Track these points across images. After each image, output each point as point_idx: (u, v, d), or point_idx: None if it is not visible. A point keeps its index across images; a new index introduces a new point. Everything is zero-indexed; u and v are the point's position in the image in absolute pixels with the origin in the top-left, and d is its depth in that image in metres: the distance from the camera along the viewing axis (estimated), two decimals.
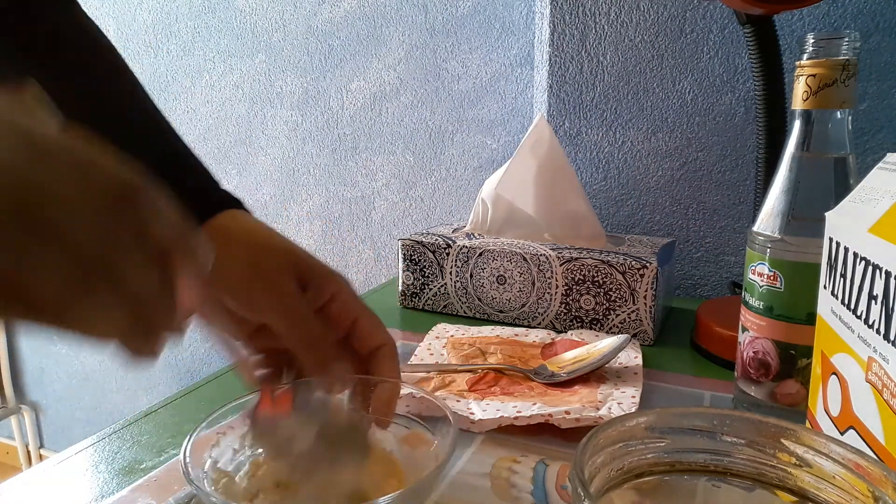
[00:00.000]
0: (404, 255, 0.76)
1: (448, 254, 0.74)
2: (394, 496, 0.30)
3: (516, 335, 0.65)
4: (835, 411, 0.32)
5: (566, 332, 0.66)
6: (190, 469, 0.32)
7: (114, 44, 0.45)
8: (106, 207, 0.23)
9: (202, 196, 0.41)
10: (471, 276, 0.73)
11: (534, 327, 0.70)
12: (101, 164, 0.24)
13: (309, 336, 0.37)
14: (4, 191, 0.21)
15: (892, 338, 0.27)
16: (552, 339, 0.64)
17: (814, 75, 0.42)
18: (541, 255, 0.69)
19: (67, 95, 0.40)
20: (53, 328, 0.24)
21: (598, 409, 0.48)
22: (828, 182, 0.43)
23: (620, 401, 0.49)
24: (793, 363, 0.45)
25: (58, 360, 1.68)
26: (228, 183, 0.42)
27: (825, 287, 0.35)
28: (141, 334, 0.26)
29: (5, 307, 0.22)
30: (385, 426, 0.39)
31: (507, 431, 0.46)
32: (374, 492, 0.34)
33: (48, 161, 0.22)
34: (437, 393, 0.52)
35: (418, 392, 0.40)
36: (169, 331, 0.27)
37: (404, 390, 0.40)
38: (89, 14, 0.45)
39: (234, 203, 0.42)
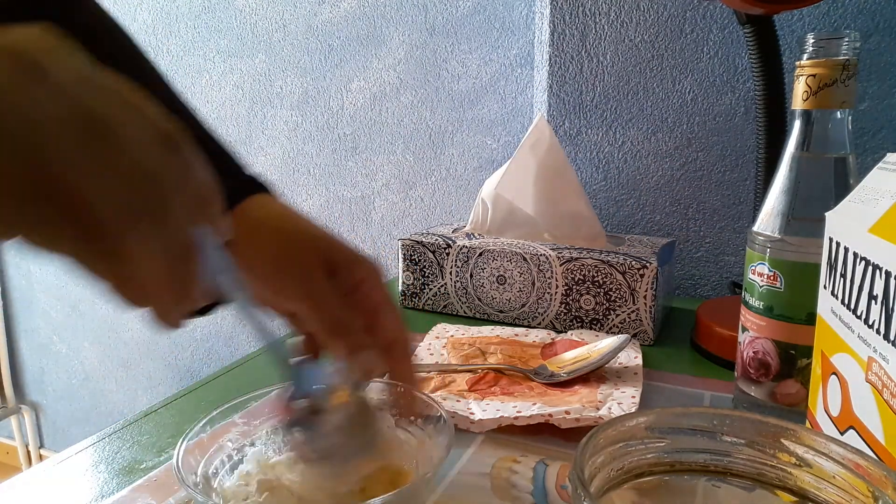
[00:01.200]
0: (404, 255, 0.76)
1: (448, 254, 0.74)
2: (386, 497, 0.30)
3: (516, 335, 0.65)
4: (835, 411, 0.32)
5: (566, 332, 0.66)
6: (183, 473, 0.32)
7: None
8: (158, 142, 0.24)
9: (231, 180, 0.41)
10: (471, 276, 0.73)
11: (534, 327, 0.70)
12: (152, 106, 0.24)
13: (335, 323, 0.37)
14: (70, 109, 0.21)
15: (892, 338, 0.27)
16: (552, 339, 0.64)
17: (814, 75, 0.42)
18: (541, 255, 0.69)
19: None
20: (95, 266, 0.24)
21: (598, 409, 0.48)
22: (828, 182, 0.43)
23: (620, 401, 0.49)
24: (793, 363, 0.45)
25: (58, 360, 1.68)
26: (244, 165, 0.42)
27: (825, 287, 0.35)
28: (175, 290, 0.25)
29: (58, 226, 0.22)
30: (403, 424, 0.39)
31: (507, 431, 0.46)
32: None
33: (105, 92, 0.23)
34: (438, 393, 0.52)
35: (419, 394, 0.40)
36: (194, 294, 0.27)
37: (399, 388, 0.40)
38: None
39: (262, 187, 0.42)
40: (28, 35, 0.22)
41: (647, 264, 0.64)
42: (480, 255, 0.72)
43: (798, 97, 0.43)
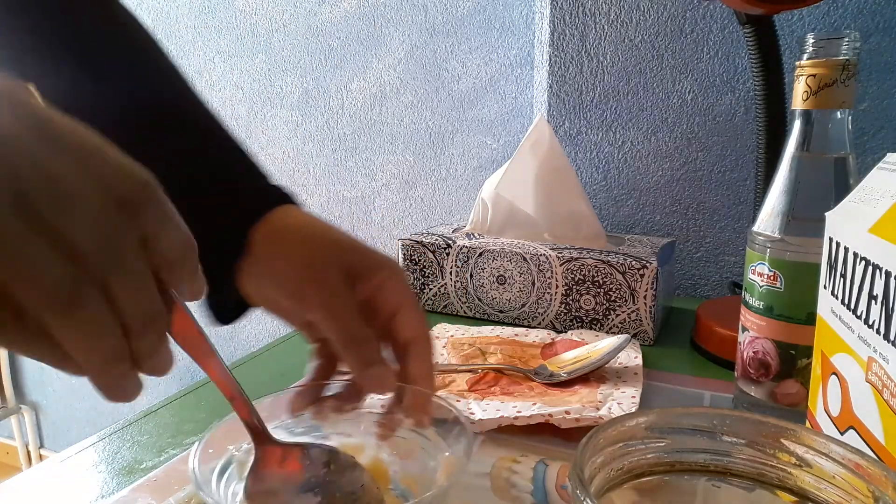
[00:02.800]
0: (404, 255, 0.76)
1: (448, 254, 0.74)
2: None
3: (516, 335, 0.65)
4: (835, 411, 0.32)
5: (566, 332, 0.66)
6: (199, 475, 0.31)
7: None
8: (112, 206, 0.21)
9: (257, 191, 0.42)
10: (471, 276, 0.73)
11: (534, 327, 0.70)
12: (112, 158, 0.22)
13: (351, 335, 0.37)
14: (5, 169, 0.19)
15: (892, 338, 0.27)
16: (552, 339, 0.64)
17: (814, 75, 0.42)
18: (541, 255, 0.69)
19: (116, 90, 0.40)
20: (30, 345, 0.21)
21: (598, 409, 0.48)
22: (828, 182, 0.43)
23: (620, 401, 0.49)
24: (793, 363, 0.45)
25: None
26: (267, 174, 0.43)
27: (825, 287, 0.35)
28: (123, 366, 0.23)
29: None
30: (424, 426, 0.38)
31: (507, 431, 0.46)
32: None
33: (57, 145, 0.20)
34: (437, 393, 0.52)
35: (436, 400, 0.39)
36: (153, 366, 0.25)
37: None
38: None
39: (287, 198, 0.42)
40: None
41: (647, 264, 0.64)
42: (480, 255, 0.72)
43: (798, 97, 0.43)
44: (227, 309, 0.42)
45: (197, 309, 0.35)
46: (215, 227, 0.38)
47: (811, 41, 0.42)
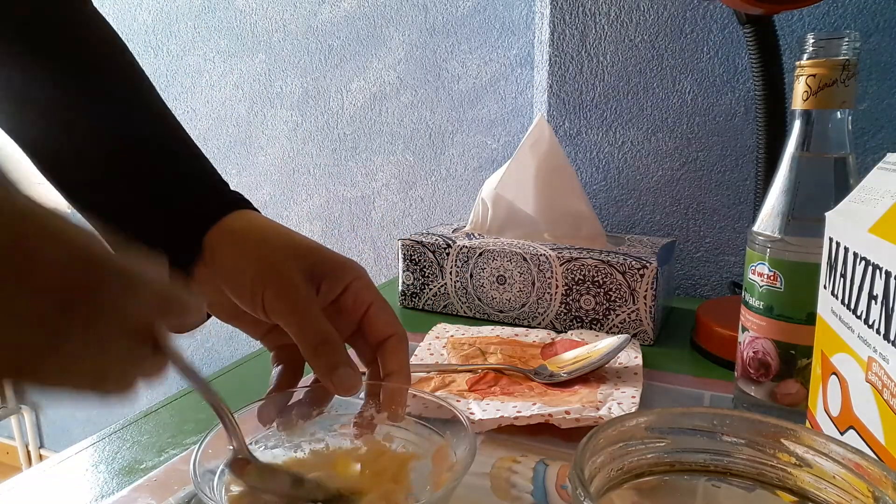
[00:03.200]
0: (404, 255, 0.76)
1: (448, 254, 0.74)
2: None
3: (516, 335, 0.65)
4: (835, 411, 0.32)
5: (566, 332, 0.66)
6: (199, 475, 0.31)
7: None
8: (52, 307, 0.21)
9: (212, 196, 0.41)
10: (471, 276, 0.73)
11: (534, 327, 0.70)
12: (46, 257, 0.21)
13: (317, 338, 0.36)
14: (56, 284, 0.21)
15: (892, 338, 0.27)
16: (552, 339, 0.64)
17: (814, 75, 0.42)
18: (541, 255, 0.69)
19: (75, 94, 0.40)
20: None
21: (598, 409, 0.48)
22: (828, 182, 0.43)
23: (620, 401, 0.49)
24: (793, 363, 0.45)
25: None
26: (228, 183, 0.42)
27: (825, 287, 0.35)
28: (118, 381, 0.25)
29: None
30: (398, 420, 0.39)
31: (507, 431, 0.46)
32: None
33: (23, 221, 0.20)
34: (437, 393, 0.52)
35: (431, 397, 0.39)
36: (150, 375, 0.27)
37: (418, 394, 0.39)
38: None
39: (244, 203, 0.42)
40: None
41: (647, 264, 0.64)
42: (480, 255, 0.72)
43: (798, 97, 0.43)
44: None
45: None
46: (168, 233, 0.38)
47: (811, 41, 0.42)
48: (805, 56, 0.43)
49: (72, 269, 0.22)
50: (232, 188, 0.43)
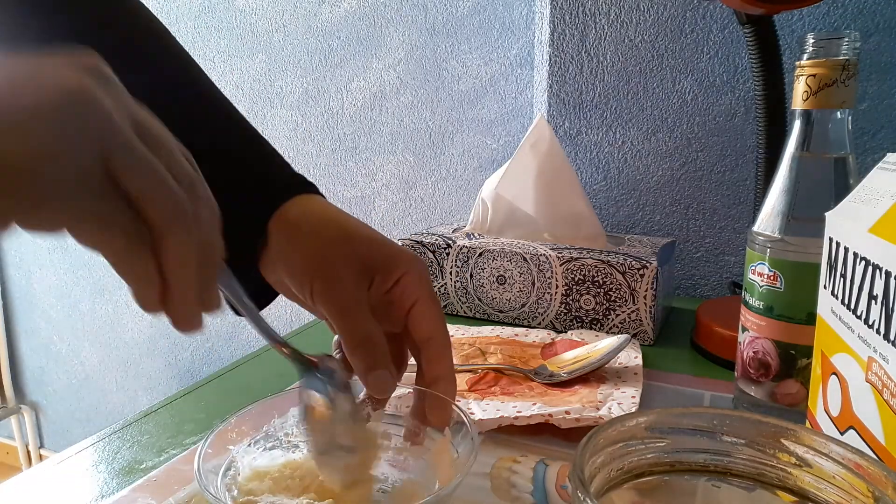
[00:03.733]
0: None
1: (448, 254, 0.74)
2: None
3: (516, 335, 0.65)
4: (835, 411, 0.32)
5: (566, 332, 0.66)
6: (203, 476, 0.31)
7: None
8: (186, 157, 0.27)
9: (279, 179, 0.41)
10: (471, 276, 0.73)
11: (534, 327, 0.70)
12: (177, 151, 0.26)
13: (358, 337, 0.36)
14: (132, 120, 0.25)
15: (892, 338, 0.27)
16: (552, 339, 0.64)
17: (814, 75, 0.42)
18: (541, 255, 0.69)
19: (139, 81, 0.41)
20: (133, 263, 0.25)
21: (598, 409, 0.48)
22: (828, 182, 0.43)
23: (620, 401, 0.49)
24: (793, 363, 0.45)
25: (58, 360, 1.68)
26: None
27: (825, 287, 0.35)
28: (199, 291, 0.27)
29: (115, 220, 0.24)
30: (419, 442, 0.38)
31: (507, 431, 0.46)
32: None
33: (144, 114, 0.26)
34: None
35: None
36: (210, 302, 0.28)
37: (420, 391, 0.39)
38: None
39: (304, 187, 0.42)
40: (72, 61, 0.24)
41: (647, 264, 0.64)
42: (480, 255, 0.72)
43: (798, 97, 0.43)
44: (253, 295, 0.43)
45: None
46: (234, 215, 0.39)
47: (811, 41, 0.42)
48: (805, 56, 0.43)
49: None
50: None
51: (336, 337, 0.41)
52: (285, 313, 1.24)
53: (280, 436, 0.38)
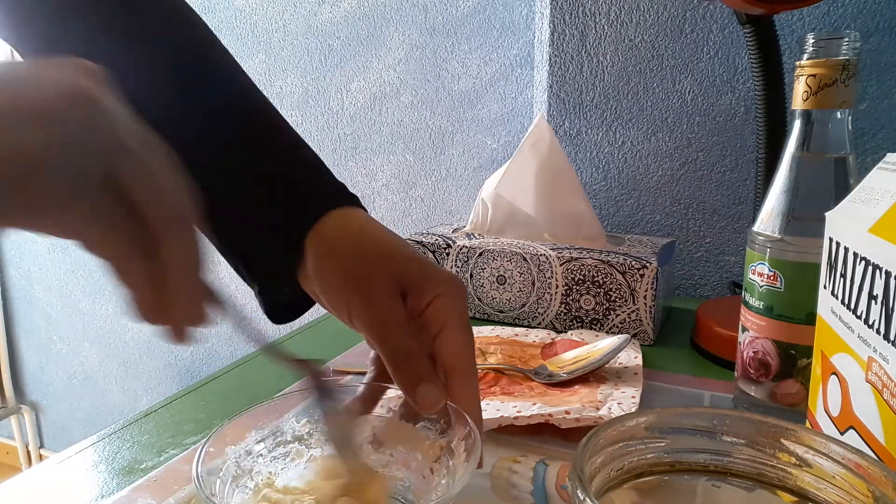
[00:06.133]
0: None
1: (448, 254, 0.74)
2: None
3: (516, 335, 0.65)
4: (835, 411, 0.32)
5: (566, 332, 0.66)
6: (202, 480, 0.31)
7: None
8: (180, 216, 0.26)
9: (314, 192, 0.41)
10: (471, 276, 0.73)
11: (534, 327, 0.70)
12: (169, 171, 0.26)
13: (399, 354, 0.35)
14: (133, 129, 0.25)
15: (892, 338, 0.27)
16: (552, 339, 0.64)
17: (814, 75, 0.42)
18: (541, 255, 0.69)
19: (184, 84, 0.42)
20: (129, 266, 0.26)
21: (598, 409, 0.48)
22: (828, 182, 0.43)
23: (620, 401, 0.49)
24: (793, 363, 0.45)
25: (58, 360, 1.68)
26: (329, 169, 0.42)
27: (825, 287, 0.35)
28: (192, 297, 0.27)
29: (115, 220, 0.24)
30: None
31: (507, 431, 0.46)
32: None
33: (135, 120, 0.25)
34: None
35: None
36: (204, 306, 0.28)
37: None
38: None
39: (343, 199, 0.41)
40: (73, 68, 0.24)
41: (647, 264, 0.64)
42: (480, 255, 0.72)
43: (798, 97, 0.43)
44: (288, 305, 0.43)
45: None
46: (273, 226, 0.39)
47: (811, 41, 0.42)
48: (805, 56, 0.43)
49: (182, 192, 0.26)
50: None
51: (372, 353, 0.40)
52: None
53: (288, 437, 0.38)
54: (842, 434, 0.31)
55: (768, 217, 0.45)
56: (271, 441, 0.37)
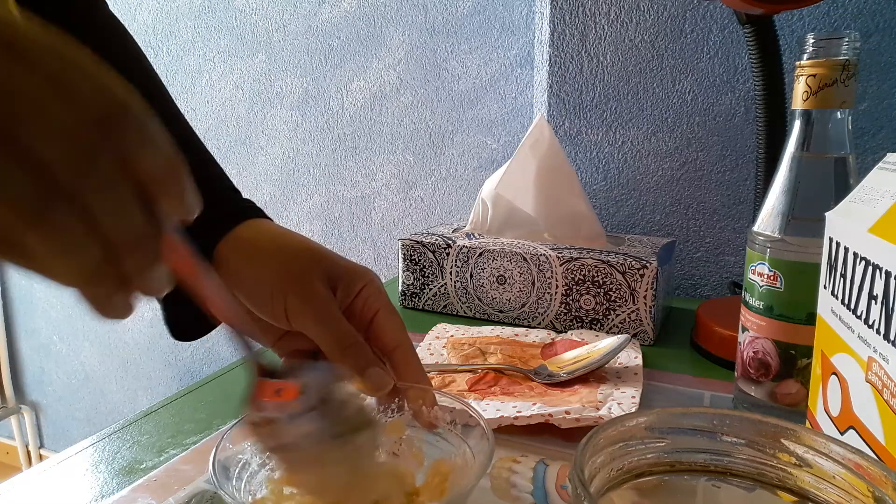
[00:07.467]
0: (404, 255, 0.76)
1: (448, 254, 0.74)
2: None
3: (516, 335, 0.65)
4: (835, 411, 0.32)
5: (566, 332, 0.66)
6: (219, 476, 0.31)
7: None
8: (86, 124, 0.20)
9: (226, 205, 0.41)
10: (471, 276, 0.73)
11: (534, 327, 0.70)
12: (88, 73, 0.21)
13: (345, 341, 0.37)
14: (41, 76, 0.20)
15: (892, 338, 0.27)
16: (552, 339, 0.64)
17: (814, 75, 0.42)
18: (541, 255, 0.69)
19: None
20: (12, 256, 0.21)
21: (598, 409, 0.48)
22: (828, 182, 0.43)
23: (620, 401, 0.49)
24: (793, 363, 0.45)
25: (58, 360, 1.68)
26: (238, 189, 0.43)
27: (825, 287, 0.35)
28: (110, 283, 0.23)
29: (14, 177, 0.20)
30: (432, 429, 0.38)
31: (507, 431, 0.46)
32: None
33: (25, 60, 0.20)
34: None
35: (452, 402, 0.38)
36: (144, 286, 0.24)
37: (442, 399, 0.38)
38: None
39: (254, 212, 0.42)
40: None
41: (647, 264, 0.64)
42: (480, 255, 0.72)
43: (798, 97, 0.43)
44: (190, 326, 0.42)
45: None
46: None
47: (811, 41, 0.42)
48: (805, 56, 0.43)
49: (109, 92, 0.21)
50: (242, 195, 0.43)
51: (283, 359, 0.41)
52: None
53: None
54: (842, 434, 0.31)
55: (768, 217, 0.45)
56: None
